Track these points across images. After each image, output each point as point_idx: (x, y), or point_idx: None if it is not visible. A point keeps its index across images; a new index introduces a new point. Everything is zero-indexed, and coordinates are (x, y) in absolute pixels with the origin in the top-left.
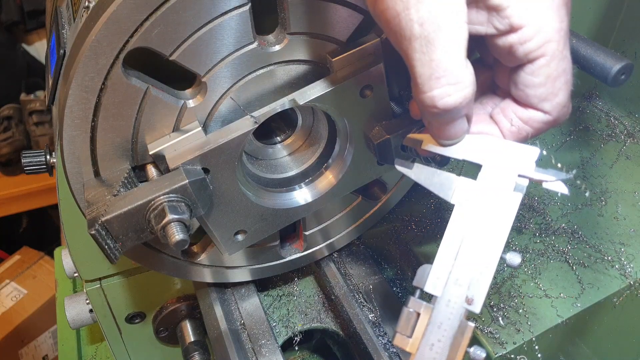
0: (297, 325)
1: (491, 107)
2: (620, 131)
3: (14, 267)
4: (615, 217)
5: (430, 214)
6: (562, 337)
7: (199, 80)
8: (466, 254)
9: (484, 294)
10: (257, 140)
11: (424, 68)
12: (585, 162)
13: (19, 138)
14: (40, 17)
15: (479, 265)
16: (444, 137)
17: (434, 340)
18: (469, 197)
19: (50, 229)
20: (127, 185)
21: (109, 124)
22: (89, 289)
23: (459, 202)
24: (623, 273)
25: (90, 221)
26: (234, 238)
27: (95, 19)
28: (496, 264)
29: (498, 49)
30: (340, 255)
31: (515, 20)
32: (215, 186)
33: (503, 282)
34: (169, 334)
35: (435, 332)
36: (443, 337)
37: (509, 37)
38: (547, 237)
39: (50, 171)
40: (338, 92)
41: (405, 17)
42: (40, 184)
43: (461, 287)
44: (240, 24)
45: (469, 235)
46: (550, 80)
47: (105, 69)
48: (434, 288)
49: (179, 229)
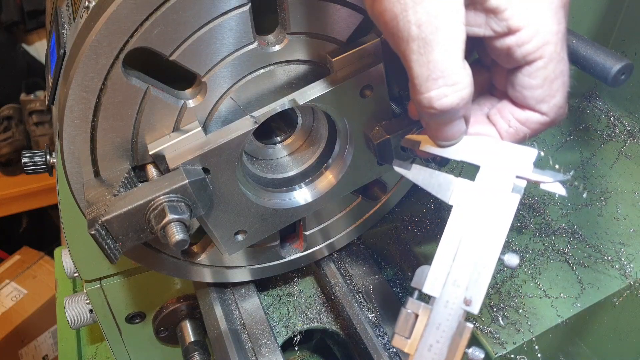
0: (297, 325)
1: (489, 108)
2: (620, 131)
3: (14, 267)
4: (615, 217)
5: (430, 214)
6: (562, 337)
7: (199, 80)
8: (464, 255)
9: (482, 295)
10: (257, 140)
11: (422, 69)
12: (585, 162)
13: (19, 138)
14: (40, 17)
15: (477, 267)
16: (441, 138)
17: (432, 341)
18: (467, 198)
19: (50, 229)
20: (127, 185)
21: (109, 124)
22: (89, 289)
23: (457, 203)
24: (623, 273)
25: (91, 221)
26: (234, 238)
27: (95, 19)
28: (494, 265)
29: (496, 51)
30: (340, 255)
31: (513, 22)
32: (215, 186)
33: (503, 282)
34: (169, 334)
35: (433, 333)
36: (441, 338)
37: (507, 39)
38: (547, 237)
39: (50, 171)
40: (338, 92)
41: (403, 18)
42: (40, 184)
43: (459, 288)
44: (240, 24)
45: (467, 236)
46: (548, 82)
47: (105, 69)
48: (432, 289)
49: (179, 229)
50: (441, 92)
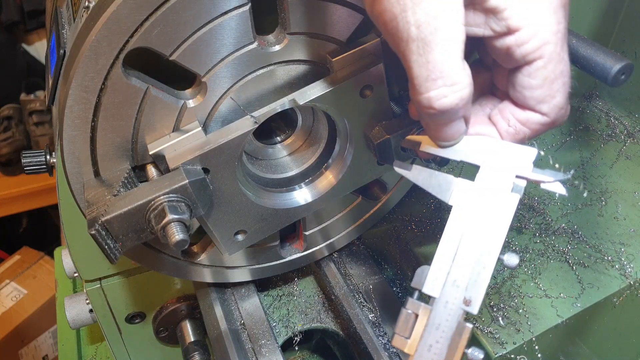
0: (297, 325)
1: (490, 109)
2: (620, 131)
3: (14, 267)
4: (615, 217)
5: (430, 214)
6: (562, 337)
7: (199, 80)
8: (464, 255)
9: (481, 295)
10: (257, 140)
11: (421, 69)
12: (585, 162)
13: (19, 138)
14: (40, 17)
15: (477, 267)
16: (441, 139)
17: (432, 342)
18: (466, 199)
19: (50, 229)
20: (127, 185)
21: (109, 124)
22: (89, 289)
23: (457, 204)
24: (623, 273)
25: (91, 221)
26: (234, 238)
27: (95, 19)
28: (494, 265)
29: (496, 51)
30: (340, 255)
31: (512, 22)
32: (215, 186)
33: (503, 282)
34: (169, 334)
35: (433, 333)
36: (441, 339)
37: (506, 39)
38: (547, 237)
39: (50, 171)
40: (338, 92)
41: (402, 19)
42: (40, 184)
43: (459, 288)
44: (240, 24)
45: (467, 236)
46: (548, 82)
47: (105, 69)
48: (432, 289)
49: (179, 229)
50: (440, 93)
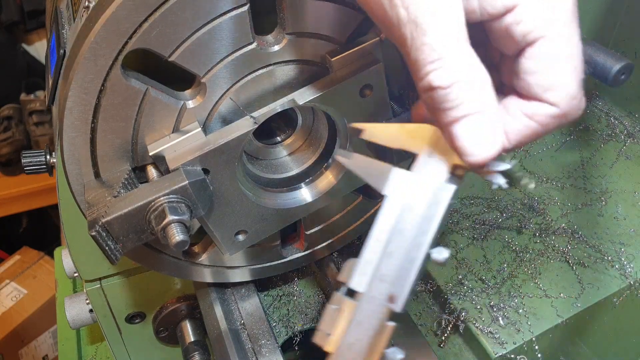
0: (297, 325)
1: None
2: (620, 131)
3: (14, 267)
4: (615, 217)
5: None
6: (562, 337)
7: (199, 81)
8: (392, 249)
9: (406, 291)
10: (257, 140)
11: (417, 53)
12: (585, 162)
13: (19, 138)
14: (40, 17)
15: (404, 261)
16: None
17: (353, 340)
18: (400, 189)
19: (50, 229)
20: (128, 186)
21: (109, 126)
22: (89, 289)
23: (391, 194)
24: (623, 273)
25: (91, 222)
26: (235, 238)
27: (94, 20)
28: (422, 259)
29: (496, 36)
30: (341, 255)
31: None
32: (215, 187)
33: (503, 282)
34: (169, 334)
35: (355, 330)
36: (363, 337)
37: (504, 19)
38: (547, 237)
39: (50, 171)
40: (338, 91)
41: (388, 3)
42: (40, 184)
43: (384, 283)
44: (239, 24)
45: (398, 228)
46: (553, 66)
47: (105, 71)
48: (358, 284)
49: (179, 230)
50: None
